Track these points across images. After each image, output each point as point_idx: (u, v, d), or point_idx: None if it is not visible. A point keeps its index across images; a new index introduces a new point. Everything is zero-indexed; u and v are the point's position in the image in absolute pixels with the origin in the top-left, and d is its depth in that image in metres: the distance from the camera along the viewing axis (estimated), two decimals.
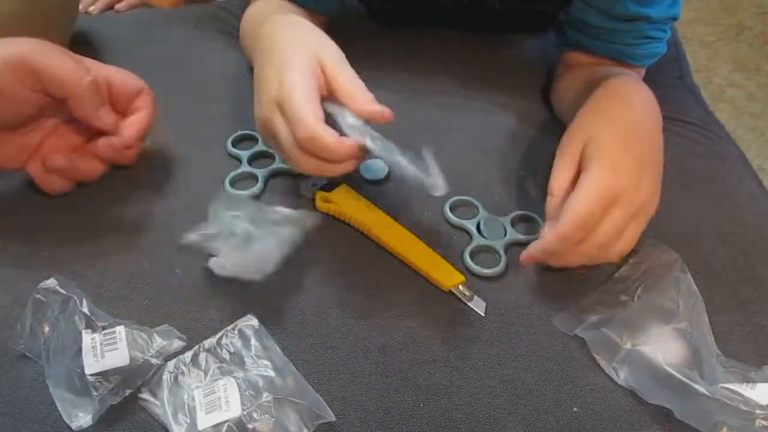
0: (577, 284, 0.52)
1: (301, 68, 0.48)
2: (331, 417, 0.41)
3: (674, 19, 0.63)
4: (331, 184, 0.56)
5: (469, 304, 0.49)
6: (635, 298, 0.50)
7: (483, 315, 0.49)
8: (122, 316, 0.45)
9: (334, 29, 0.67)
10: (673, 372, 0.43)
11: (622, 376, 0.46)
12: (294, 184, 0.58)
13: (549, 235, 0.47)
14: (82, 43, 0.72)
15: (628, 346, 0.46)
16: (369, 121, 0.48)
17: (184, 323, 0.46)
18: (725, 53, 1.83)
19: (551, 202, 0.50)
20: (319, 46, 0.51)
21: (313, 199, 0.56)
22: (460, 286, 0.50)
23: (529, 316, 0.49)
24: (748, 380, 0.43)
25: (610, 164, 0.48)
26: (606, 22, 0.62)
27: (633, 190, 0.47)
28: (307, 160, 0.47)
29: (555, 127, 0.64)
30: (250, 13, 0.68)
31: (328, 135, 0.45)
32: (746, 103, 1.67)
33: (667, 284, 0.49)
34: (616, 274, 0.52)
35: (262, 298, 0.49)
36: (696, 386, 0.42)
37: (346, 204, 0.54)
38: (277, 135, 0.48)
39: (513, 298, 0.51)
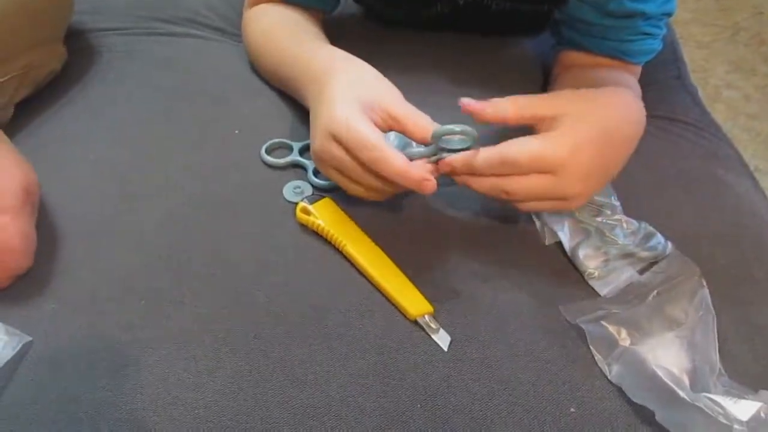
0: (577, 285, 0.52)
1: (350, 101, 0.49)
2: None
3: (669, 14, 0.63)
4: (314, 197, 0.55)
5: (433, 336, 0.47)
6: (645, 302, 0.49)
7: (446, 351, 0.47)
8: None
9: (332, 29, 0.67)
10: (659, 373, 0.43)
11: (614, 372, 0.45)
12: None
13: (477, 154, 0.48)
14: (76, 40, 0.72)
15: (625, 343, 0.46)
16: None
17: None
18: (721, 54, 1.84)
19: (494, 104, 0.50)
20: (375, 85, 0.52)
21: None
22: (426, 317, 0.48)
23: (526, 317, 0.49)
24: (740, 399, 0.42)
25: (572, 143, 0.47)
26: (602, 18, 0.62)
27: (569, 178, 0.47)
28: (373, 182, 0.48)
29: None
30: (259, 28, 0.67)
31: (394, 154, 0.46)
32: (743, 104, 1.67)
33: (681, 294, 0.49)
34: (635, 281, 0.52)
35: (261, 297, 0.49)
36: (679, 391, 0.41)
37: (324, 218, 0.53)
38: (338, 164, 0.49)
39: (510, 299, 0.50)
